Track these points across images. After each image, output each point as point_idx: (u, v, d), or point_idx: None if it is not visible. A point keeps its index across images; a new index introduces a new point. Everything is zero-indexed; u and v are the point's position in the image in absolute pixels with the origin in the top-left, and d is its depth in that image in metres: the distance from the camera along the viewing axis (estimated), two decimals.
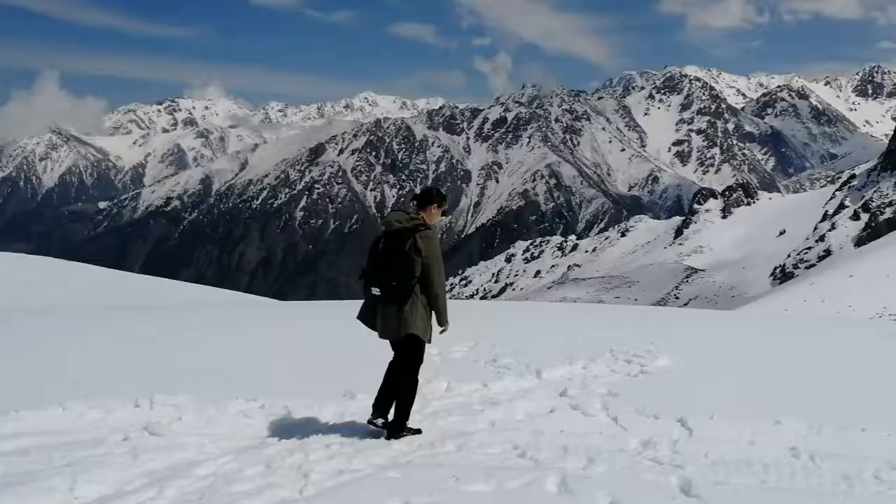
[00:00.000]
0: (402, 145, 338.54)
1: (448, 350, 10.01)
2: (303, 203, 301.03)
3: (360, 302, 6.88)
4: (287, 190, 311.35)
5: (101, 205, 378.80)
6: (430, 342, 6.66)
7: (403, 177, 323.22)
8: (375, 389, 7.90)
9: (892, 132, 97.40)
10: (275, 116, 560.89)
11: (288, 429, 6.78)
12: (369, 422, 6.57)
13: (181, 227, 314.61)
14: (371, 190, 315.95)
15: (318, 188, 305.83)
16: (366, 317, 6.69)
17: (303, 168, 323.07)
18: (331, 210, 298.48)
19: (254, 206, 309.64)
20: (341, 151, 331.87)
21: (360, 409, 7.35)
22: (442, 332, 6.67)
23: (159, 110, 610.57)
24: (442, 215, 6.76)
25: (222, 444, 6.27)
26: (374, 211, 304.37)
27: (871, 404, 7.71)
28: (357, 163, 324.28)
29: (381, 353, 10.20)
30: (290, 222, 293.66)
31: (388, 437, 6.44)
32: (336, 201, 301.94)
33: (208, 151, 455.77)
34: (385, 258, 6.34)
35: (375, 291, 6.41)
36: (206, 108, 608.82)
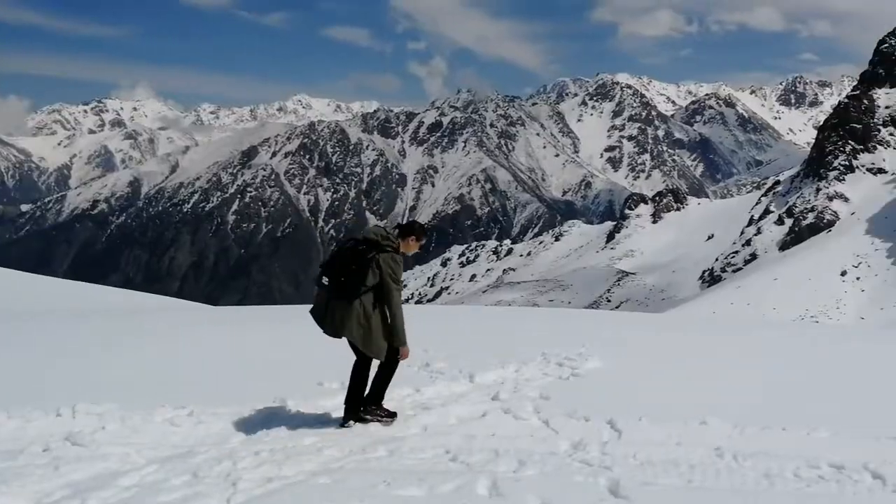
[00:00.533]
0: (337, 148, 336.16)
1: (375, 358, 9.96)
2: (235, 206, 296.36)
3: (292, 307, 6.86)
4: (219, 193, 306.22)
5: (24, 207, 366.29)
6: (381, 359, 6.87)
7: (338, 180, 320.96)
8: (307, 395, 7.84)
9: (813, 140, 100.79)
10: (206, 118, 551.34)
11: (216, 436, 6.64)
12: (341, 425, 6.80)
13: (108, 230, 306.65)
14: (305, 193, 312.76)
15: (251, 191, 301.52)
16: (317, 311, 6.91)
17: (235, 171, 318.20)
18: (263, 214, 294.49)
19: (185, 209, 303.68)
20: (274, 154, 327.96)
21: (292, 415, 7.26)
22: (399, 355, 6.94)
23: (86, 111, 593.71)
24: (419, 248, 7.18)
25: (147, 454, 6.10)
26: (308, 215, 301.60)
27: (792, 404, 7.94)
28: (290, 166, 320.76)
29: (312, 358, 10.12)
30: (221, 226, 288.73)
31: (362, 414, 6.88)
32: (269, 205, 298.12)
33: (137, 153, 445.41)
34: (346, 255, 6.62)
35: (325, 281, 6.66)
36: (135, 109, 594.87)
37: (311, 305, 7.16)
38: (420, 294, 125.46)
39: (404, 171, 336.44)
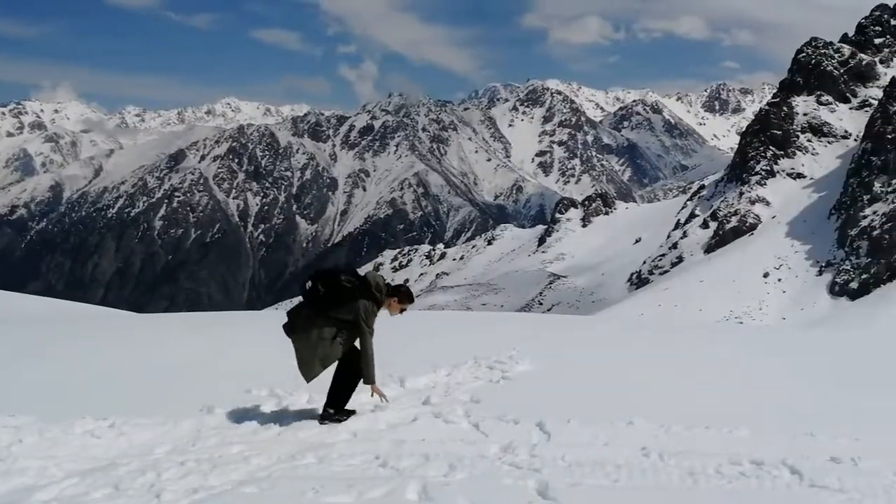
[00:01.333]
0: (266, 152, 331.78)
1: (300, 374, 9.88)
2: (162, 211, 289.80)
3: (221, 313, 6.78)
4: (145, 198, 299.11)
5: None
6: (305, 379, 7.18)
7: (267, 184, 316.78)
8: (235, 403, 7.72)
9: (736, 146, 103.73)
10: (132, 121, 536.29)
11: (140, 448, 6.47)
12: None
13: (28, 236, 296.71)
14: (234, 198, 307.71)
15: (179, 196, 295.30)
16: (291, 313, 7.24)
17: (162, 175, 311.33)
18: (192, 219, 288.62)
19: (109, 214, 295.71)
20: (203, 158, 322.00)
21: (219, 423, 7.13)
22: (373, 393, 7.29)
23: (3, 112, 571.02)
24: (400, 312, 7.49)
25: (67, 467, 5.92)
26: (237, 219, 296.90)
27: (716, 403, 8.14)
28: (219, 170, 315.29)
29: (240, 365, 9.96)
30: (148, 231, 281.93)
31: (324, 408, 7.18)
32: (197, 210, 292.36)
33: (58, 157, 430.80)
34: (341, 281, 6.97)
35: (307, 285, 7.01)
36: (56, 111, 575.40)
37: (241, 311, 7.13)
38: None
39: (335, 175, 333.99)
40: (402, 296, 7.43)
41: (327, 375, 7.33)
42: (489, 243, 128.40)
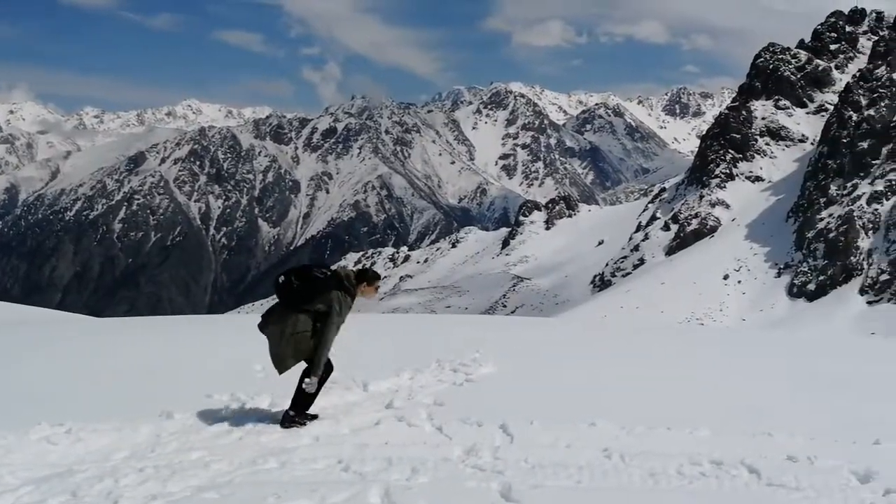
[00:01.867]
0: (228, 155, 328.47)
1: (272, 366, 9.78)
2: (121, 214, 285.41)
3: (182, 317, 6.68)
4: (104, 200, 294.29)
5: None
6: (278, 372, 7.28)
7: (229, 187, 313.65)
8: (195, 408, 7.62)
9: (696, 149, 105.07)
10: (90, 122, 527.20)
11: (97, 454, 6.35)
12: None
13: None
14: (195, 201, 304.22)
15: (138, 199, 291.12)
16: (267, 312, 7.34)
17: (121, 177, 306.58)
18: (152, 222, 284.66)
19: (67, 217, 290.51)
20: (163, 160, 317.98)
21: (178, 429, 7.02)
22: (308, 383, 7.06)
23: None
24: (376, 291, 7.61)
25: (22, 475, 5.79)
26: (199, 222, 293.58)
27: (678, 404, 8.23)
28: (180, 172, 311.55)
29: (201, 370, 9.84)
30: (107, 234, 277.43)
31: (286, 412, 7.19)
32: (157, 212, 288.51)
33: (14, 159, 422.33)
34: (311, 277, 7.07)
35: (280, 280, 7.10)
36: (11, 112, 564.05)
37: (202, 315, 7.07)
38: None
39: (298, 177, 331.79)
40: (370, 277, 7.51)
41: (292, 379, 7.28)
42: (453, 246, 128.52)
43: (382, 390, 8.66)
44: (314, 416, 7.34)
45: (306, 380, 7.04)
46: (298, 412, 7.23)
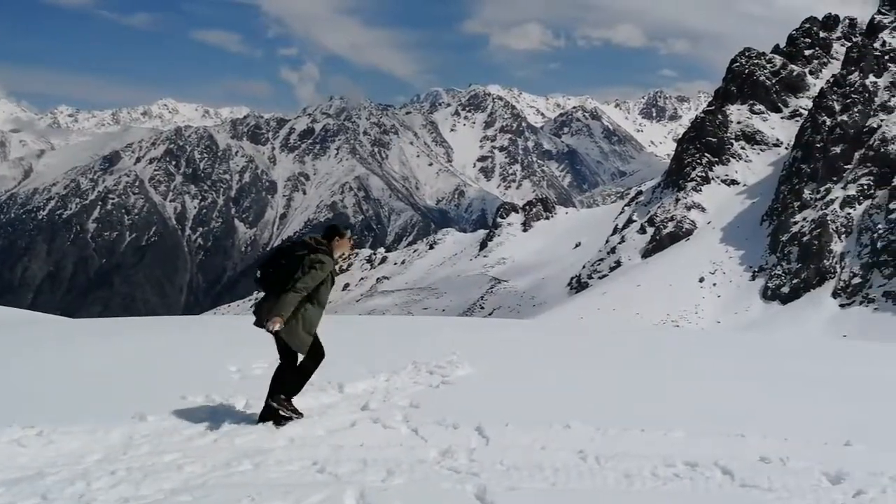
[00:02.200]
0: (205, 154, 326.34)
1: (248, 367, 9.73)
2: (96, 214, 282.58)
3: (157, 318, 6.62)
4: (78, 200, 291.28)
5: None
6: (303, 352, 7.16)
7: (206, 187, 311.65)
8: (169, 410, 7.55)
9: (673, 152, 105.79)
10: (64, 121, 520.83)
11: (69, 456, 6.26)
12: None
13: None
14: (171, 201, 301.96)
15: (113, 198, 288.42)
16: (256, 307, 7.24)
17: (96, 177, 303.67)
18: (127, 221, 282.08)
19: (40, 216, 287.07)
20: (138, 160, 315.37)
21: (151, 431, 6.94)
22: (270, 322, 6.76)
23: None
24: (350, 241, 7.50)
25: None
26: (174, 222, 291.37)
27: (652, 406, 8.28)
28: (156, 172, 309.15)
29: (175, 371, 9.76)
30: (81, 234, 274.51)
31: (266, 405, 7.15)
32: (132, 212, 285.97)
33: None
34: (280, 253, 7.15)
35: (258, 275, 7.18)
36: None
37: (177, 316, 7.03)
38: None
39: (275, 178, 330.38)
40: (338, 231, 7.45)
41: (268, 379, 7.22)
42: (431, 247, 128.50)
43: (358, 392, 8.63)
44: (299, 414, 7.25)
45: (273, 321, 6.75)
46: (288, 395, 7.18)
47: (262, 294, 7.34)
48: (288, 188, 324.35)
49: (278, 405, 7.08)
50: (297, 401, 7.49)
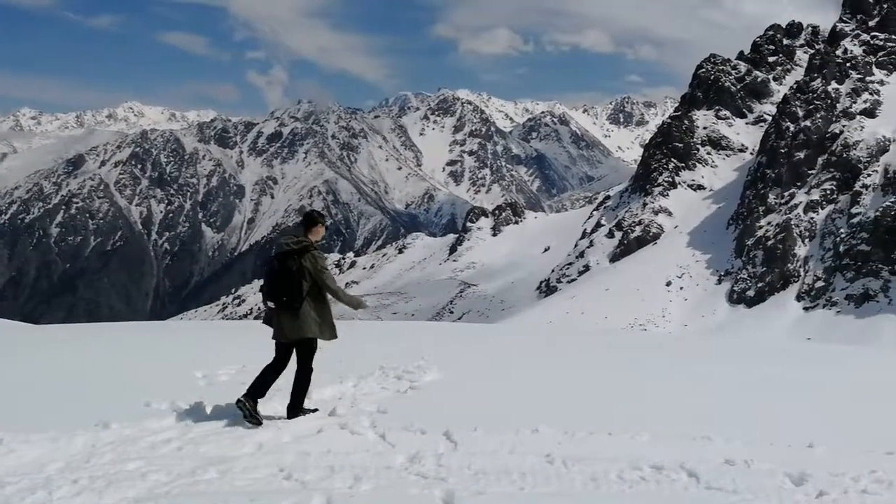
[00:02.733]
0: (171, 158, 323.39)
1: (214, 373, 9.64)
2: (59, 218, 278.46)
3: (121, 324, 6.53)
4: (41, 204, 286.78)
5: None
6: (335, 337, 7.88)
7: (172, 191, 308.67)
8: (132, 417, 7.44)
9: (640, 157, 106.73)
10: (27, 124, 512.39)
11: (30, 465, 6.14)
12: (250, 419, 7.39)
13: None
14: (136, 205, 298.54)
15: (77, 202, 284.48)
16: (269, 320, 7.74)
17: (59, 180, 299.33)
18: (91, 226, 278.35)
19: (1, 220, 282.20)
20: (103, 163, 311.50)
21: (115, 438, 6.83)
22: (360, 307, 8.21)
23: None
24: (322, 227, 7.87)
25: None
26: (140, 227, 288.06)
27: (619, 409, 8.34)
28: (121, 176, 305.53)
29: (139, 377, 9.63)
30: (44, 239, 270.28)
31: (288, 417, 7.64)
32: (97, 216, 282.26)
33: None
34: (277, 277, 7.43)
35: (270, 305, 7.53)
36: None
37: (143, 322, 6.96)
38: (259, 309, 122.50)
39: (242, 182, 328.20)
40: (315, 218, 7.77)
41: (232, 387, 7.15)
42: (400, 252, 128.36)
43: (325, 398, 8.59)
44: (314, 410, 7.83)
45: (358, 312, 8.04)
46: (300, 402, 7.75)
47: (263, 300, 7.78)
48: (256, 192, 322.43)
49: (300, 413, 7.72)
50: (260, 407, 7.49)
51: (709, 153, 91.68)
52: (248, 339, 15.07)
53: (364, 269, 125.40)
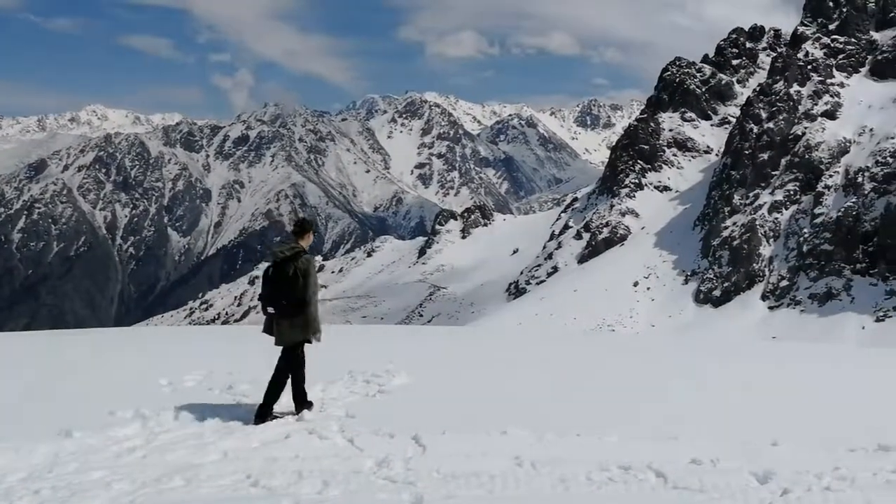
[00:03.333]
0: (136, 162, 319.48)
1: (180, 379, 9.52)
2: (21, 223, 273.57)
3: (86, 330, 6.44)
4: (2, 209, 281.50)
5: None
6: (319, 340, 8.08)
7: (137, 195, 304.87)
8: (97, 425, 7.33)
9: (607, 159, 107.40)
10: None
11: None
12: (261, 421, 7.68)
13: None
14: (101, 209, 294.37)
15: (39, 207, 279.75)
16: (268, 329, 8.06)
17: (21, 185, 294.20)
18: (54, 231, 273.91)
19: None
20: (66, 168, 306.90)
21: (78, 447, 6.73)
22: (315, 339, 8.04)
23: None
24: (311, 233, 8.32)
25: None
26: (105, 232, 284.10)
27: (587, 411, 8.37)
28: (85, 180, 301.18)
29: (104, 385, 9.48)
30: (5, 245, 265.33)
31: (296, 413, 7.96)
32: (60, 222, 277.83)
33: None
34: (276, 283, 7.79)
35: (271, 310, 7.86)
36: None
37: (107, 328, 6.88)
38: (227, 314, 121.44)
39: (209, 185, 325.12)
40: (303, 227, 8.22)
41: (198, 393, 7.07)
42: (369, 255, 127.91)
43: (293, 402, 8.51)
44: (311, 404, 8.20)
45: (316, 336, 7.98)
46: (303, 401, 8.10)
47: (260, 306, 8.17)
48: (223, 196, 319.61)
49: (306, 409, 8.04)
50: (229, 413, 7.41)
51: (675, 155, 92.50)
52: (214, 345, 14.93)
53: (333, 272, 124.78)
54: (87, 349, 13.92)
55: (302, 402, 8.09)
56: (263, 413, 7.75)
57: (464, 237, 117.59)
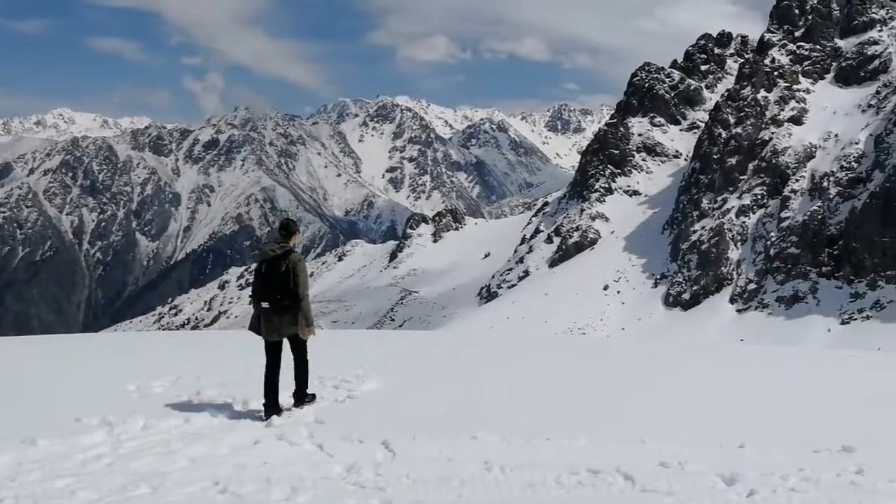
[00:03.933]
0: (104, 166, 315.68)
1: (148, 385, 9.41)
2: None
3: (51, 336, 6.35)
4: None
5: None
6: (314, 333, 8.45)
7: (105, 199, 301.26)
8: (61, 433, 7.22)
9: (577, 164, 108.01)
10: None
11: None
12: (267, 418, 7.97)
13: None
14: (67, 214, 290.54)
15: (4, 211, 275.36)
16: (254, 327, 8.34)
17: None
18: (19, 236, 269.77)
19: None
20: (32, 171, 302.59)
21: (43, 455, 6.62)
22: (310, 333, 8.34)
23: None
24: (298, 232, 8.74)
25: None
26: (71, 237, 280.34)
27: (557, 414, 8.40)
28: (51, 184, 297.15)
29: (69, 392, 9.35)
30: None
31: (296, 406, 8.40)
32: (25, 226, 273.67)
33: None
34: (270, 280, 8.08)
35: (265, 305, 8.11)
36: None
37: (74, 334, 6.84)
38: (197, 319, 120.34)
39: (178, 190, 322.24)
40: (290, 227, 8.56)
41: (167, 398, 7.00)
42: (340, 259, 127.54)
43: (262, 408, 8.46)
44: (314, 396, 8.71)
45: (311, 329, 8.30)
46: (306, 387, 8.55)
47: (251, 303, 8.41)
48: (192, 200, 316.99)
49: (309, 403, 8.51)
50: (195, 419, 7.35)
51: (644, 159, 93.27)
52: (183, 350, 14.78)
53: None
54: (53, 355, 13.72)
55: (303, 395, 8.49)
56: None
57: (435, 241, 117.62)
